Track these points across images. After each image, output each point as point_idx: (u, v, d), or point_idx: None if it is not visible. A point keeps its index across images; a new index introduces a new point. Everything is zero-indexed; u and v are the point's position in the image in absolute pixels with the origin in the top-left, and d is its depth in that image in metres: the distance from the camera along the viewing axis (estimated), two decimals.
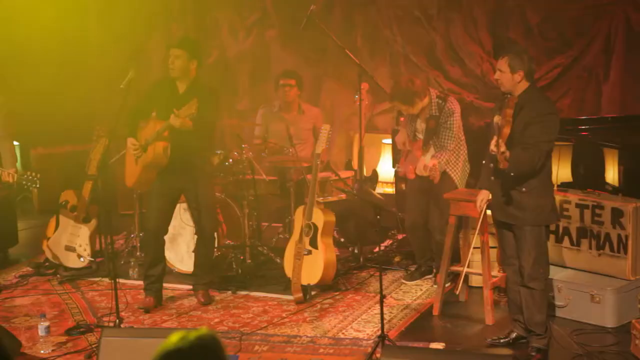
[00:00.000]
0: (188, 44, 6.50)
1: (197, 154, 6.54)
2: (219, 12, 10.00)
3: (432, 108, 6.79)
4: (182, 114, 6.09)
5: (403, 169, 7.05)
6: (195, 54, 6.44)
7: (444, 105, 6.77)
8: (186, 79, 6.45)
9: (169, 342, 2.16)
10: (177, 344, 2.15)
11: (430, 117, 6.80)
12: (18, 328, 6.33)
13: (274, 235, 8.08)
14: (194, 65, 6.43)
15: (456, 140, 6.79)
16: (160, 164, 6.45)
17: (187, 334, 2.17)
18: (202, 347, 2.16)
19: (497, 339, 5.80)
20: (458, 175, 6.86)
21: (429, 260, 7.19)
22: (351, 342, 5.90)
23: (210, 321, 6.40)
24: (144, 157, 6.44)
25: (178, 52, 6.38)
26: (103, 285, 7.30)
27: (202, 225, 6.72)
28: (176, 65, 6.38)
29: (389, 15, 9.02)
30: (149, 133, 6.42)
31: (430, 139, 6.80)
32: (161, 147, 6.37)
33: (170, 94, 6.46)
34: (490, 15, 8.55)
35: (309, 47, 9.46)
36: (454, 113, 6.76)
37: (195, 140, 6.38)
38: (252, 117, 8.59)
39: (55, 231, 7.68)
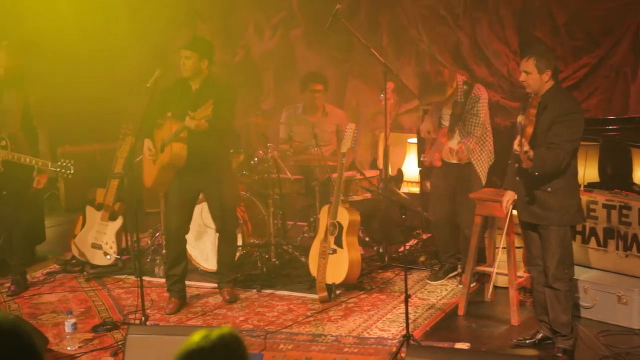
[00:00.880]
0: (197, 44, 6.53)
1: (215, 153, 6.56)
2: (244, 12, 10.02)
3: (459, 94, 6.76)
4: (197, 116, 6.12)
5: (429, 157, 7.01)
6: (206, 54, 6.47)
7: (470, 91, 6.74)
8: (199, 79, 6.48)
9: (191, 341, 2.16)
10: (200, 343, 2.15)
11: (456, 103, 6.76)
12: (45, 325, 6.38)
13: (299, 234, 8.09)
14: (205, 65, 6.46)
15: (482, 128, 6.75)
16: (177, 165, 6.48)
17: (209, 332, 2.18)
18: (225, 346, 2.17)
19: (523, 339, 5.78)
20: (484, 167, 6.82)
21: (453, 257, 7.16)
22: (376, 341, 5.90)
23: (235, 319, 6.42)
24: (162, 158, 6.48)
25: (188, 53, 6.42)
26: (129, 283, 7.35)
27: (222, 224, 6.73)
28: (187, 66, 6.43)
29: (415, 15, 9.00)
30: (165, 134, 6.46)
31: (455, 125, 6.76)
32: (178, 148, 6.40)
33: (184, 94, 6.50)
34: (517, 14, 8.50)
35: (335, 47, 9.46)
36: (480, 99, 6.72)
37: (212, 140, 6.40)
38: (277, 117, 8.61)
39: (82, 229, 7.74)
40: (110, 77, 10.26)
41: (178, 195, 6.65)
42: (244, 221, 7.45)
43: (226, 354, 2.17)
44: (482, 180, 6.82)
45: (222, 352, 2.16)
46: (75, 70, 10.03)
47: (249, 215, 7.59)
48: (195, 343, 2.15)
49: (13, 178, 6.92)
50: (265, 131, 7.88)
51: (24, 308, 6.82)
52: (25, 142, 6.92)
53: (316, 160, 7.58)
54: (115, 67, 10.35)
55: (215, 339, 2.16)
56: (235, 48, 10.03)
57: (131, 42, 10.42)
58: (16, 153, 6.76)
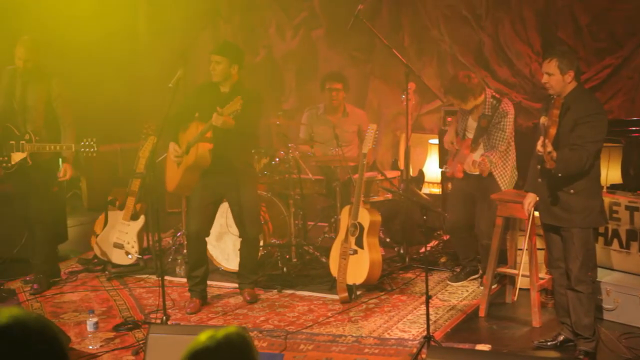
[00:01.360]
0: (228, 49, 6.54)
1: (240, 156, 6.57)
2: (266, 12, 10.04)
3: (486, 107, 6.75)
4: (225, 111, 6.12)
5: (451, 169, 7.01)
6: (236, 59, 6.48)
7: (498, 106, 6.72)
8: (228, 83, 6.50)
9: (197, 341, 2.17)
10: (205, 343, 2.15)
11: (482, 116, 6.75)
12: (67, 324, 6.41)
13: (320, 234, 8.09)
14: (235, 70, 6.47)
15: (507, 143, 6.74)
16: (202, 166, 6.48)
17: (215, 332, 2.18)
18: (230, 346, 2.16)
19: (544, 341, 5.75)
20: (506, 181, 6.79)
21: (473, 260, 7.15)
22: (396, 342, 5.89)
23: (255, 319, 6.43)
24: (186, 159, 6.49)
25: (218, 58, 6.43)
26: (150, 282, 7.38)
27: (245, 228, 6.75)
28: (217, 71, 6.44)
29: (437, 15, 8.99)
30: (191, 135, 6.47)
31: (480, 138, 6.75)
32: (204, 149, 6.41)
33: (213, 97, 6.50)
34: (539, 15, 8.47)
35: (356, 47, 9.46)
36: (507, 114, 6.70)
37: (237, 141, 6.41)
38: (299, 117, 8.61)
39: (103, 228, 7.78)
40: (131, 77, 10.31)
41: (200, 198, 6.66)
42: (265, 221, 7.46)
43: (232, 353, 2.16)
44: (502, 189, 6.77)
45: (227, 352, 2.15)
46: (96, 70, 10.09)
47: (270, 215, 7.60)
48: (200, 343, 2.15)
49: (37, 176, 6.99)
50: (286, 131, 7.89)
51: (46, 307, 6.86)
52: (48, 137, 6.98)
53: (337, 161, 7.58)
54: (137, 67, 10.41)
55: (220, 339, 2.16)
56: (257, 48, 10.06)
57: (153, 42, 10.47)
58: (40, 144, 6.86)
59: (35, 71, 6.95)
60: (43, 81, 6.99)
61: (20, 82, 7.00)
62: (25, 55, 6.86)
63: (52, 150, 6.90)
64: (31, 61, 6.88)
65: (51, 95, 7.00)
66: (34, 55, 6.89)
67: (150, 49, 10.47)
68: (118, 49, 10.32)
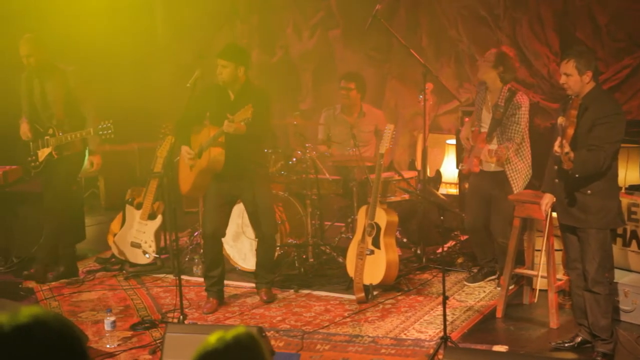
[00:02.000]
0: (233, 53, 6.53)
1: (253, 157, 6.58)
2: (283, 12, 10.05)
3: (500, 98, 6.71)
4: (236, 119, 6.14)
5: (467, 165, 6.97)
6: (241, 61, 6.47)
7: (512, 97, 6.67)
8: (236, 85, 6.50)
9: (207, 342, 2.16)
10: (214, 344, 2.15)
11: (496, 107, 6.70)
12: (85, 322, 6.44)
13: (337, 234, 8.09)
14: (242, 72, 6.47)
15: (522, 136, 6.68)
16: (215, 170, 6.50)
17: (224, 334, 2.17)
18: (239, 347, 2.16)
19: (562, 343, 5.73)
20: (519, 181, 6.74)
21: (491, 261, 7.13)
22: (413, 342, 5.88)
23: (272, 319, 6.44)
24: (199, 163, 6.51)
25: (224, 62, 6.43)
26: (167, 281, 7.40)
27: (261, 229, 6.76)
28: (224, 74, 6.44)
29: (455, 15, 8.97)
30: (203, 139, 6.49)
31: (494, 130, 6.70)
32: (216, 153, 6.42)
33: (222, 100, 6.52)
34: (558, 15, 8.44)
35: (373, 47, 9.45)
36: (521, 107, 6.63)
37: (249, 144, 6.42)
38: (316, 117, 8.61)
39: (121, 227, 7.81)
40: (149, 77, 10.35)
41: (215, 199, 6.68)
42: (282, 221, 7.47)
43: (241, 354, 2.16)
44: (514, 190, 6.74)
45: (236, 353, 2.15)
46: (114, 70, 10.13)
47: (287, 215, 7.61)
48: (210, 345, 2.15)
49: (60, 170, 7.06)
50: (303, 131, 7.89)
51: (64, 305, 6.90)
52: (71, 128, 7.05)
53: (354, 161, 7.58)
54: (155, 67, 10.44)
55: (229, 340, 2.16)
56: (274, 48, 10.06)
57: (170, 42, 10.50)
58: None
59: (48, 67, 7.01)
60: (58, 75, 7.04)
61: (37, 81, 7.06)
62: (27, 51, 6.94)
63: (74, 138, 6.96)
64: (34, 56, 6.94)
65: (69, 87, 7.05)
66: (36, 50, 6.95)
67: (168, 49, 10.50)
68: (136, 49, 10.35)
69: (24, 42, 6.94)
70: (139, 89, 10.28)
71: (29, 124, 7.15)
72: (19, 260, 7.90)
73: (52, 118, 7.03)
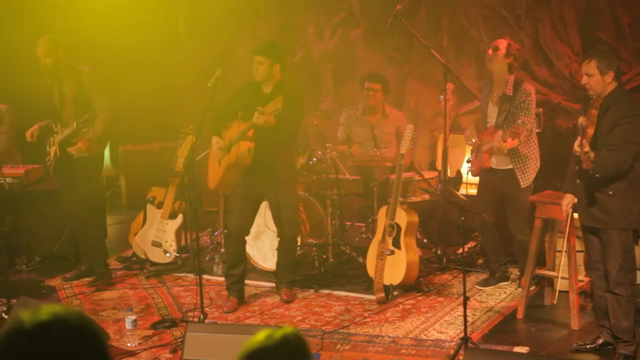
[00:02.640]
0: (270, 49, 6.54)
1: (281, 155, 6.58)
2: (304, 12, 10.06)
3: (507, 88, 6.64)
4: (266, 110, 6.14)
5: (475, 165, 6.92)
6: (278, 59, 6.49)
7: (520, 85, 6.61)
8: (271, 83, 6.51)
9: (254, 340, 2.16)
10: (263, 342, 2.15)
11: (504, 97, 6.64)
12: (106, 321, 6.47)
13: (357, 234, 8.09)
14: (277, 70, 6.48)
15: (531, 123, 6.59)
16: (243, 164, 6.50)
17: (272, 332, 2.17)
18: (288, 346, 2.16)
19: (583, 344, 5.69)
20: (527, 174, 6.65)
21: (503, 265, 7.06)
22: (433, 343, 5.87)
23: (292, 319, 6.44)
24: (228, 157, 6.52)
25: (260, 58, 6.44)
26: (188, 280, 7.42)
27: (283, 228, 6.77)
28: (260, 71, 6.46)
29: (476, 15, 8.94)
30: (232, 134, 6.50)
31: (504, 119, 6.59)
32: (245, 147, 6.43)
33: (255, 96, 6.52)
34: (580, 15, 8.39)
35: (394, 47, 9.44)
36: (530, 94, 6.57)
37: (278, 140, 6.42)
38: (336, 117, 8.61)
39: (142, 226, 7.84)
40: (171, 77, 10.38)
41: (241, 197, 6.69)
42: (302, 221, 7.47)
43: (289, 354, 2.16)
44: (522, 183, 6.68)
45: (285, 352, 2.15)
46: (136, 71, 10.18)
47: (307, 215, 7.61)
48: (258, 342, 2.14)
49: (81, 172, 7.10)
50: (324, 131, 7.89)
51: (85, 304, 6.93)
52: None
53: (375, 161, 7.57)
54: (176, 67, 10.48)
55: (278, 339, 2.15)
56: (295, 48, 10.07)
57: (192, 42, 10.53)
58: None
59: (66, 68, 7.05)
60: (73, 74, 7.08)
61: (57, 82, 7.11)
62: (44, 52, 6.97)
63: (67, 134, 6.97)
64: (50, 56, 6.98)
65: (82, 86, 7.08)
66: (51, 50, 6.98)
67: (189, 50, 10.53)
68: (157, 49, 10.40)
69: (40, 43, 6.98)
70: (161, 89, 10.33)
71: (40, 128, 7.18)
72: (41, 259, 7.95)
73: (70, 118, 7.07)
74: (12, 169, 7.89)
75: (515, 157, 6.63)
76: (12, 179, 7.70)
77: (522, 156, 6.65)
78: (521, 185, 6.66)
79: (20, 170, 7.90)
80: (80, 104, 7.04)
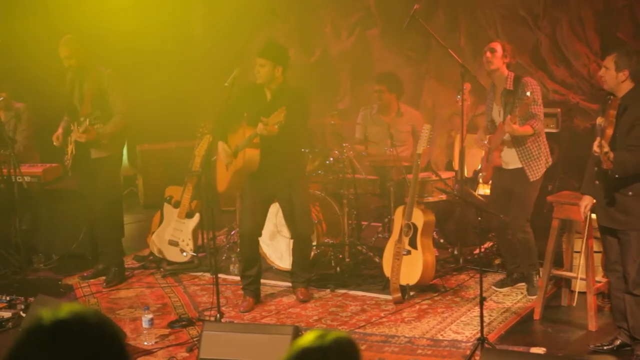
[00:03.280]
0: (271, 52, 6.54)
1: (288, 157, 6.59)
2: (322, 11, 10.06)
3: (508, 83, 6.60)
4: (270, 121, 6.16)
5: (486, 170, 6.88)
6: (279, 61, 6.48)
7: (520, 79, 6.58)
8: (273, 85, 6.51)
9: (306, 339, 2.13)
10: (316, 342, 2.13)
11: (506, 92, 6.60)
12: (123, 319, 6.49)
13: (373, 234, 8.08)
14: (280, 72, 6.47)
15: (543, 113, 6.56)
16: (250, 170, 6.52)
17: (325, 333, 2.15)
18: (341, 349, 2.13)
19: (601, 345, 5.67)
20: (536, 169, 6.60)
21: (519, 267, 7.03)
22: (450, 343, 5.86)
23: (308, 318, 6.44)
24: (235, 163, 6.54)
25: (262, 60, 6.44)
26: (204, 280, 7.43)
27: (296, 229, 6.77)
28: (262, 73, 6.46)
29: (493, 15, 8.92)
30: (238, 139, 6.52)
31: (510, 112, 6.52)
32: (251, 154, 6.44)
33: (258, 99, 6.54)
34: (598, 14, 8.36)
35: (411, 47, 9.43)
36: (533, 85, 6.51)
37: (285, 145, 6.43)
38: (353, 117, 8.61)
39: (159, 226, 7.86)
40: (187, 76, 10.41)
41: (251, 199, 6.71)
42: (319, 220, 7.48)
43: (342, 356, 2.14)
44: (530, 176, 6.61)
45: (337, 354, 2.13)
46: (153, 70, 10.22)
47: (324, 214, 7.61)
48: (311, 342, 2.12)
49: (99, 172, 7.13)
50: (341, 131, 7.89)
51: (103, 303, 6.96)
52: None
53: (391, 161, 7.56)
54: (193, 66, 10.50)
55: (331, 341, 2.14)
56: (312, 47, 10.08)
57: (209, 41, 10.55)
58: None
59: (88, 68, 7.07)
60: (95, 76, 7.10)
61: (77, 82, 7.14)
62: (67, 53, 6.99)
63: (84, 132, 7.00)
64: (74, 57, 7.00)
65: (102, 88, 7.11)
66: (75, 51, 7.00)
67: (207, 49, 10.55)
68: (175, 49, 10.43)
69: (64, 43, 7.00)
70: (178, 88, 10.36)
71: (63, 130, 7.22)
72: (58, 258, 7.99)
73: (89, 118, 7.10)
74: (31, 168, 7.93)
75: (523, 153, 6.60)
76: (30, 177, 7.75)
77: (529, 152, 6.61)
78: (530, 178, 6.62)
79: (38, 169, 7.94)
80: (98, 104, 7.07)
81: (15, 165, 6.74)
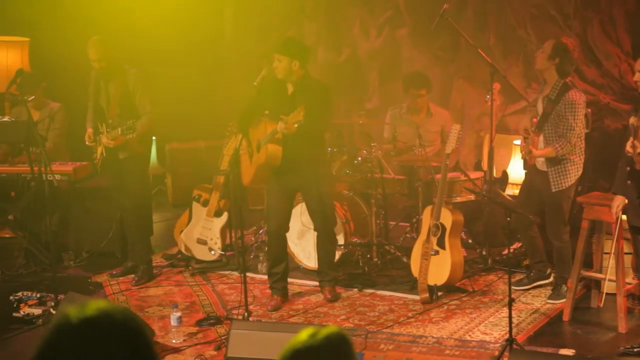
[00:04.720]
0: (288, 47, 6.55)
1: (311, 153, 6.58)
2: (351, 10, 10.05)
3: (553, 91, 6.44)
4: (289, 120, 6.18)
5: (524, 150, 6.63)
6: (296, 55, 6.47)
7: (565, 92, 6.32)
8: (292, 80, 6.53)
9: (298, 339, 2.14)
10: (307, 341, 2.14)
11: (547, 100, 6.45)
12: (151, 317, 6.53)
13: (401, 234, 8.06)
14: (297, 66, 6.47)
15: (576, 135, 6.36)
16: (273, 165, 6.55)
17: (316, 331, 2.16)
18: (332, 346, 2.15)
19: (630, 347, 5.62)
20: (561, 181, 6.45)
21: (539, 263, 6.94)
22: (478, 344, 5.83)
23: (336, 318, 6.44)
24: (257, 157, 6.57)
25: (279, 56, 6.47)
26: (232, 278, 7.45)
27: (319, 222, 6.78)
28: (279, 68, 6.48)
29: (524, 14, 8.86)
30: (261, 134, 6.55)
31: (544, 123, 6.42)
32: (273, 149, 6.47)
33: (279, 94, 6.57)
34: (630, 14, 8.28)
35: (440, 46, 9.39)
36: (574, 104, 6.27)
37: (307, 140, 6.43)
38: (381, 116, 8.59)
39: (188, 224, 7.90)
40: (217, 75, 10.44)
41: (276, 195, 6.73)
42: (346, 220, 7.47)
43: (333, 353, 2.14)
44: (552, 186, 6.47)
45: (329, 352, 2.14)
46: (183, 70, 10.26)
47: (351, 214, 7.61)
48: (302, 341, 2.13)
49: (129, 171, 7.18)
50: (369, 130, 7.88)
51: (132, 300, 7.00)
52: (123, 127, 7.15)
53: (420, 161, 7.54)
54: (223, 66, 10.54)
55: (322, 338, 2.14)
56: (341, 47, 10.07)
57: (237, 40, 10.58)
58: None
59: (114, 68, 7.10)
60: (121, 75, 7.14)
61: (104, 82, 7.18)
62: (96, 55, 7.02)
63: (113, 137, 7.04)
64: (104, 60, 7.02)
65: (128, 87, 7.14)
66: (105, 53, 7.02)
67: (236, 48, 10.58)
68: (204, 48, 10.47)
69: (92, 45, 7.02)
70: (207, 87, 10.40)
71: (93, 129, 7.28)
72: (88, 255, 8.04)
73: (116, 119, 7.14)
74: (61, 166, 7.99)
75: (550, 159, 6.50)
76: (61, 176, 7.81)
77: (558, 159, 6.46)
78: (552, 188, 6.51)
79: (69, 167, 8.00)
80: (125, 105, 7.11)
81: (46, 163, 6.79)
